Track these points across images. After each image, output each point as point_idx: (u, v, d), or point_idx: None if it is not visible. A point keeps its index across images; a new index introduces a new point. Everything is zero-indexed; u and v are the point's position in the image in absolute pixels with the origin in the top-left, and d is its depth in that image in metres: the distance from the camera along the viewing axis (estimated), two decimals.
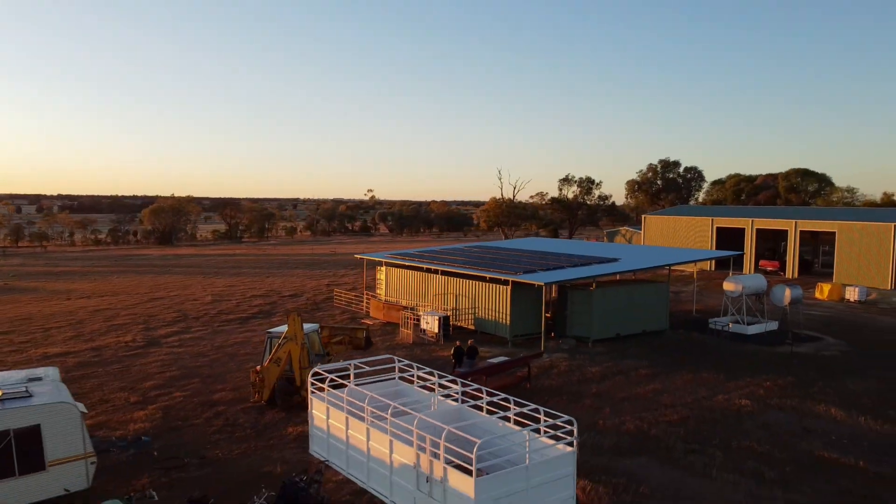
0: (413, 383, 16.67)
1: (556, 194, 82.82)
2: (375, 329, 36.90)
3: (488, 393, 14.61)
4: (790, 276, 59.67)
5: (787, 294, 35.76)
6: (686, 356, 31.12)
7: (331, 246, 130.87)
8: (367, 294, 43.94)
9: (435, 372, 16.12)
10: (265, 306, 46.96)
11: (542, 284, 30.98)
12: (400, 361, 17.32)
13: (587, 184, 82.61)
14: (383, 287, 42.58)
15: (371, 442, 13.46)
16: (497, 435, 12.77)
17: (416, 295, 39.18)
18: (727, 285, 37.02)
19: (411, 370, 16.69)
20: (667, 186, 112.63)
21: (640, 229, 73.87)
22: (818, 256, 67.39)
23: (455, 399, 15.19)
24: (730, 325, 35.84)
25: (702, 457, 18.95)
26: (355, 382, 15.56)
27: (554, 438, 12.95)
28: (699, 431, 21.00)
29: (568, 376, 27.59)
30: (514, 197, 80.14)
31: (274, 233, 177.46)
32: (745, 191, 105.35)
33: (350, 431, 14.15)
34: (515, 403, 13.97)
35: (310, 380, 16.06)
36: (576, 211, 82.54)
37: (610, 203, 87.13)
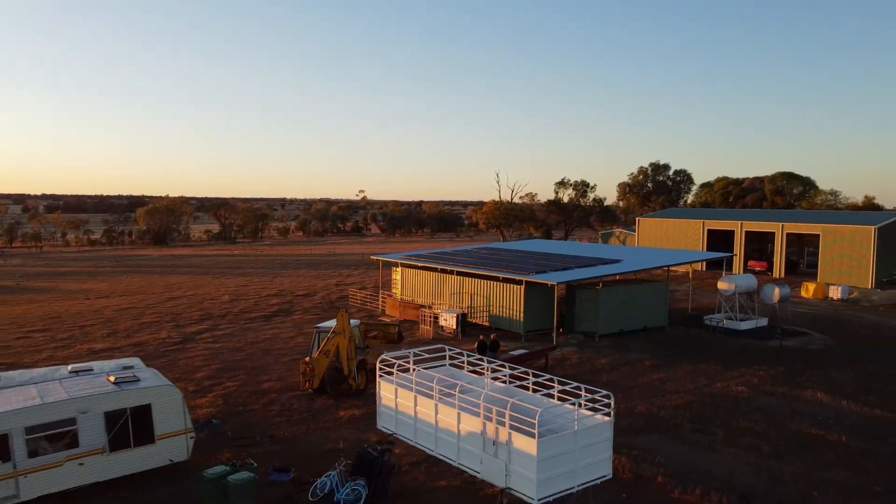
0: (463, 369, 19.34)
1: (547, 195, 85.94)
2: None
3: (533, 374, 17.29)
4: (777, 276, 62.89)
5: (776, 293, 38.82)
6: (685, 349, 34.01)
7: (327, 246, 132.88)
8: (383, 293, 46.46)
9: (484, 358, 18.84)
10: (283, 305, 49.32)
11: (555, 284, 33.74)
12: (451, 350, 19.97)
13: (582, 187, 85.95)
14: (399, 286, 45.15)
15: (439, 415, 16.09)
16: (551, 406, 15.44)
17: (432, 294, 41.80)
18: (721, 285, 39.98)
19: (461, 357, 19.40)
20: (657, 189, 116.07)
21: (634, 231, 76.96)
22: (803, 257, 70.75)
23: (503, 381, 17.85)
24: (724, 322, 38.78)
25: (706, 435, 21.75)
26: (411, 367, 18.17)
27: (592, 410, 15.66)
28: (702, 414, 23.82)
29: (580, 367, 30.34)
30: (512, 199, 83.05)
31: (267, 233, 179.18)
32: (733, 193, 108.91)
33: (418, 408, 16.76)
34: (559, 382, 16.68)
35: (378, 365, 18.62)
36: (571, 213, 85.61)
37: (604, 206, 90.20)
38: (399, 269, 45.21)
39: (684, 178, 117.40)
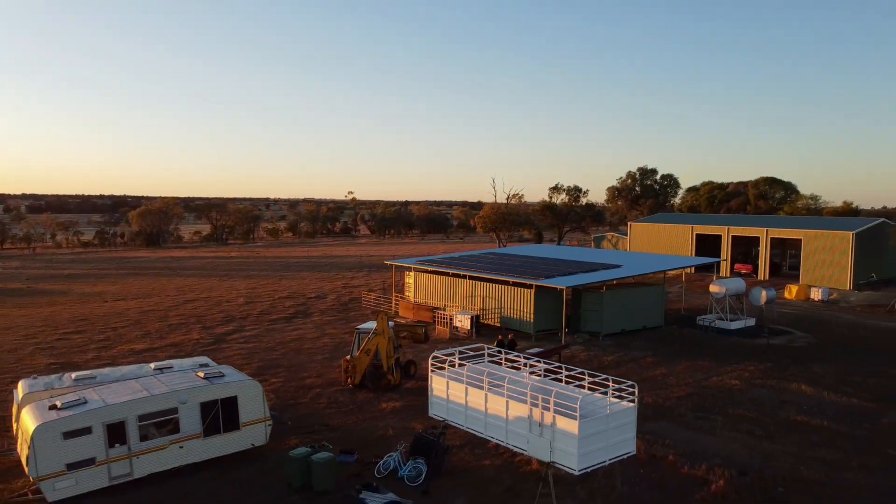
0: (501, 364, 22.30)
1: (535, 196, 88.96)
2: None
3: (566, 368, 20.28)
4: (762, 278, 66.50)
5: (763, 295, 42.22)
6: (682, 347, 37.22)
7: (322, 248, 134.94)
8: (397, 296, 49.28)
9: (521, 355, 21.83)
10: (299, 307, 51.95)
11: (564, 288, 36.79)
12: (490, 349, 22.91)
13: (575, 192, 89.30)
14: (412, 290, 47.99)
15: (489, 403, 19.02)
16: (586, 395, 18.44)
17: (445, 297, 44.70)
18: (713, 288, 43.26)
19: (499, 354, 22.38)
20: (645, 192, 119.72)
21: (626, 234, 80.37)
22: (786, 260, 74.46)
23: (538, 374, 20.82)
24: (716, 322, 42.06)
25: (707, 421, 24.87)
26: (459, 364, 21.08)
27: (619, 398, 18.67)
28: (702, 404, 26.95)
29: (588, 364, 33.36)
30: (508, 203, 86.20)
31: (258, 235, 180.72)
32: (718, 197, 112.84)
33: (469, 397, 19.67)
34: (590, 374, 19.68)
35: (430, 362, 21.50)
36: (565, 217, 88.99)
37: (596, 210, 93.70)
38: (412, 274, 48.05)
39: (671, 183, 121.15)
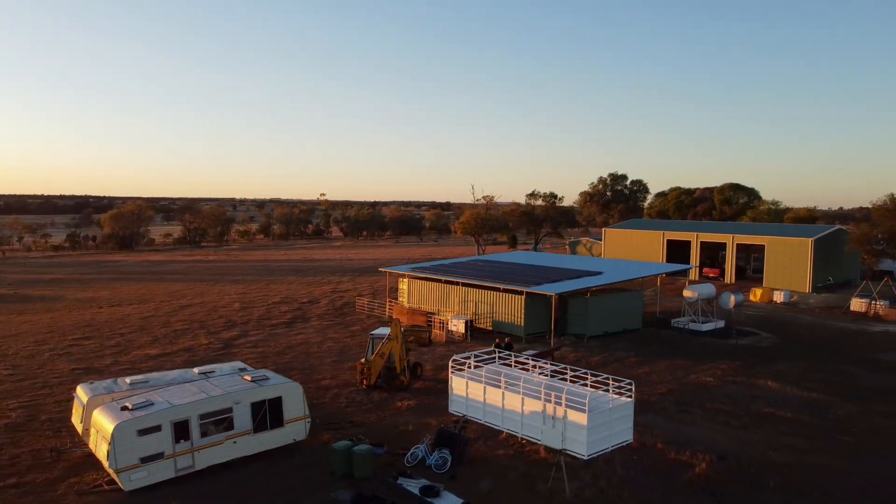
0: (512, 367, 25.15)
1: (507, 198, 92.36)
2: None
3: (571, 369, 23.24)
4: (728, 282, 70.70)
5: (732, 300, 45.96)
6: (660, 348, 40.59)
7: (300, 251, 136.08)
8: (390, 301, 51.87)
9: (521, 356, 24.73)
10: (296, 312, 54.11)
11: (554, 295, 39.85)
12: (500, 352, 25.76)
13: (551, 198, 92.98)
14: (406, 295, 50.65)
15: (505, 400, 21.86)
16: (589, 392, 21.39)
17: (438, 302, 47.46)
18: (686, 293, 46.84)
19: (509, 357, 25.26)
20: (615, 197, 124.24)
21: (600, 239, 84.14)
22: (750, 263, 78.93)
23: (545, 374, 23.75)
24: (689, 324, 45.60)
25: (688, 414, 28.11)
26: (475, 365, 23.89)
27: (619, 394, 21.69)
28: (683, 398, 30.21)
29: (577, 364, 36.35)
30: (487, 210, 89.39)
31: (230, 237, 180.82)
32: (685, 202, 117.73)
33: (487, 395, 22.50)
34: (592, 374, 22.66)
35: (451, 364, 24.27)
36: (541, 222, 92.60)
37: (572, 216, 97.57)
38: (406, 280, 50.70)
39: (641, 188, 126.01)
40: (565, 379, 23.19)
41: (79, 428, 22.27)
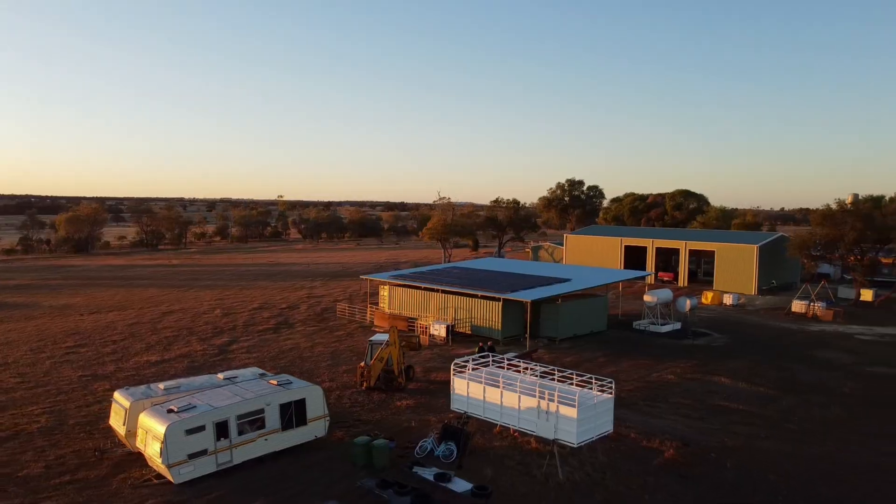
0: (505, 369, 28.50)
1: (463, 198, 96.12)
2: None
3: (558, 370, 26.72)
4: (682, 284, 75.78)
5: (688, 304, 50.41)
6: (624, 348, 44.58)
7: (264, 255, 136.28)
8: (371, 307, 54.69)
9: (521, 360, 28.13)
10: (278, 318, 56.30)
11: (528, 301, 43.41)
12: (494, 355, 29.08)
13: (514, 205, 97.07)
14: (386, 301, 53.56)
15: (503, 397, 25.18)
16: (576, 390, 24.88)
17: (418, 307, 50.54)
18: (646, 297, 51.09)
19: (503, 360, 28.60)
20: (573, 203, 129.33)
21: (562, 245, 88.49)
22: (700, 267, 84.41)
23: (535, 375, 27.18)
24: (649, 326, 49.83)
25: (654, 407, 31.96)
26: (473, 368, 27.15)
27: (601, 391, 25.25)
28: (649, 394, 34.09)
29: (552, 363, 40.03)
30: (452, 217, 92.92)
31: (187, 240, 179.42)
32: (639, 208, 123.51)
33: (486, 394, 25.78)
34: (577, 374, 26.16)
35: (453, 367, 27.47)
36: (505, 229, 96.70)
37: (533, 222, 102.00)
38: (387, 287, 53.62)
39: (597, 194, 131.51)
40: (554, 378, 26.66)
41: (121, 430, 24.58)
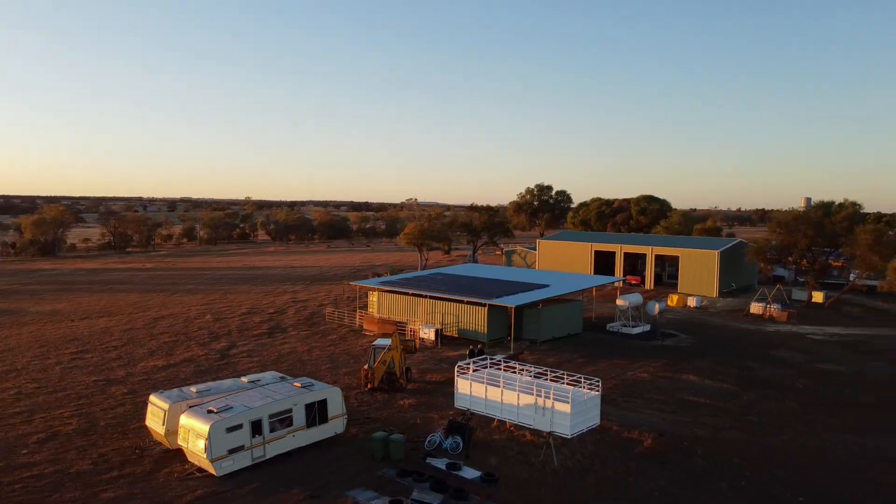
0: (502, 370, 31.73)
1: (432, 199, 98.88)
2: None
3: (550, 370, 30.10)
4: (648, 287, 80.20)
5: (657, 308, 54.48)
6: (600, 349, 48.30)
7: (238, 258, 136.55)
8: (360, 312, 57.46)
9: (517, 363, 31.42)
10: (270, 323, 58.57)
11: (512, 306, 46.80)
12: (492, 358, 32.33)
13: (490, 211, 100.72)
14: (375, 306, 56.39)
15: (503, 395, 28.44)
16: (569, 388, 28.22)
17: (407, 312, 53.53)
18: (619, 301, 55.00)
19: (499, 363, 31.84)
20: (542, 207, 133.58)
21: (534, 249, 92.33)
22: (665, 270, 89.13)
23: (530, 375, 30.50)
24: (621, 328, 53.71)
25: (631, 403, 35.60)
26: (473, 369, 30.39)
27: (590, 388, 28.71)
28: (626, 391, 37.75)
29: (536, 364, 43.51)
30: (429, 223, 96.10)
31: (155, 241, 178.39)
32: (606, 212, 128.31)
33: (488, 392, 29.00)
34: (567, 374, 29.54)
35: (457, 369, 30.62)
36: (480, 234, 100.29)
37: (506, 227, 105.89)
38: (376, 293, 56.46)
39: (565, 198, 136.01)
40: (547, 378, 30.02)
41: (160, 430, 27.06)
